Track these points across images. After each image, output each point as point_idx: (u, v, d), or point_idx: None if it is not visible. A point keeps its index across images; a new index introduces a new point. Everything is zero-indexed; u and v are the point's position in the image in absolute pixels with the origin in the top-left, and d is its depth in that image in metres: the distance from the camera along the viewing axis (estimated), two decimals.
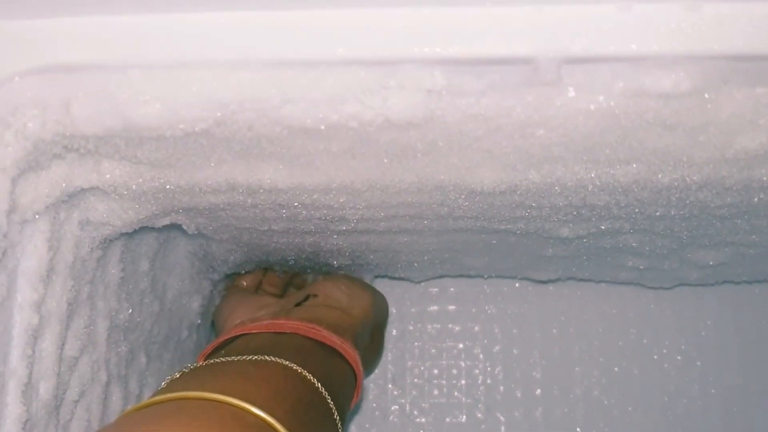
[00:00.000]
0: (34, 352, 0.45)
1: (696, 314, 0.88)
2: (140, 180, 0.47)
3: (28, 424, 0.44)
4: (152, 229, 0.60)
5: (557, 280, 0.83)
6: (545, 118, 0.41)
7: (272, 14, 0.38)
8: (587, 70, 0.38)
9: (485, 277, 0.87)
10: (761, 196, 0.49)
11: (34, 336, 0.45)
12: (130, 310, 0.59)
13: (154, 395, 0.44)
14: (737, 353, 0.87)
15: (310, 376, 0.50)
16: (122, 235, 0.54)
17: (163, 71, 0.38)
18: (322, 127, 0.40)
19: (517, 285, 0.89)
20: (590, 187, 0.48)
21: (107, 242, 0.53)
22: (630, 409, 0.86)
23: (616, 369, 0.87)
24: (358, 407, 0.87)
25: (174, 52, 0.38)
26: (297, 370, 0.50)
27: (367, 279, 0.80)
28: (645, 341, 0.88)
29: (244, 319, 0.63)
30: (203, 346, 0.79)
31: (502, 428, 0.86)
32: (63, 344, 0.48)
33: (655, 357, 0.88)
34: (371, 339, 0.69)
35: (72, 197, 0.47)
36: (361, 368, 0.59)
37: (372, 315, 0.68)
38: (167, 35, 0.38)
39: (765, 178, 0.46)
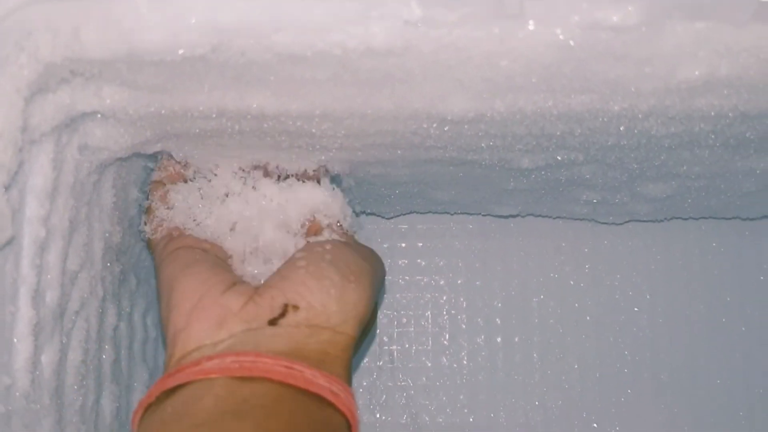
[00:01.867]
0: (41, 262, 0.49)
1: (646, 249, 0.94)
2: (138, 105, 0.50)
3: (37, 327, 0.48)
4: (140, 159, 0.64)
5: (518, 215, 0.88)
6: (509, 49, 0.45)
7: None
8: (547, 4, 0.42)
9: (452, 213, 0.92)
10: (702, 126, 0.54)
11: (42, 248, 0.49)
12: (122, 234, 0.63)
13: None
14: (684, 286, 0.93)
15: None
16: (116, 161, 0.58)
17: None
18: (309, 54, 0.44)
19: (480, 222, 0.94)
20: (548, 116, 0.52)
21: (102, 167, 0.57)
22: (583, 336, 0.92)
23: (570, 300, 0.93)
24: None
25: None
26: None
27: None
28: (598, 274, 0.94)
29: (201, 346, 0.48)
30: None
31: (464, 353, 0.92)
32: (65, 258, 0.52)
33: (608, 289, 0.93)
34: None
35: (74, 122, 0.51)
36: (356, 415, 0.47)
37: (370, 314, 0.54)
38: None
39: (705, 108, 0.51)
